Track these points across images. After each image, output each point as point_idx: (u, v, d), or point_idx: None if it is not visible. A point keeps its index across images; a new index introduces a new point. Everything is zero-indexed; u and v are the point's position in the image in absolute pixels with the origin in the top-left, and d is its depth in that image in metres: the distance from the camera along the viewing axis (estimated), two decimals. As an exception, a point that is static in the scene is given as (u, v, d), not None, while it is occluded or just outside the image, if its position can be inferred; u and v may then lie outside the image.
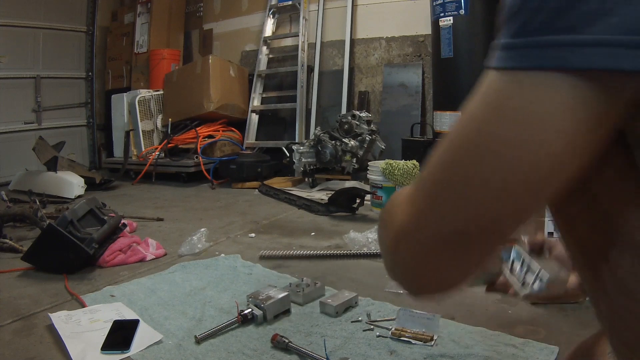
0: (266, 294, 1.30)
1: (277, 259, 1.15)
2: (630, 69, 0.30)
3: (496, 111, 0.36)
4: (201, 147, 3.72)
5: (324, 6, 4.06)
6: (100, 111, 4.87)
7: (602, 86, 0.32)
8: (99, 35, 4.83)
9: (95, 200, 1.98)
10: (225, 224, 2.39)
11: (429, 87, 3.64)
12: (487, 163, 0.36)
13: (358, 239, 1.85)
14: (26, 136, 4.12)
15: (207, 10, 4.78)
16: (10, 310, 1.37)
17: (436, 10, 3.05)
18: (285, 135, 4.16)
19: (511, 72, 0.35)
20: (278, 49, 4.40)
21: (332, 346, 1.12)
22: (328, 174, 3.42)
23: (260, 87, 4.30)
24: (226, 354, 1.10)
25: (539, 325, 1.19)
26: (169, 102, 4.16)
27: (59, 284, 1.57)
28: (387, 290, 1.45)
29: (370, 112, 3.68)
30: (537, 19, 0.33)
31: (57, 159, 3.32)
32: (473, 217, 0.38)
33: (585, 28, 0.31)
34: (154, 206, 2.90)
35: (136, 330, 1.20)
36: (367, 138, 3.15)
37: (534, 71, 0.33)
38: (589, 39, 0.31)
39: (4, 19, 3.97)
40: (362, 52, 3.99)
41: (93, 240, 1.68)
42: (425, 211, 0.41)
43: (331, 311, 1.29)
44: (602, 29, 0.30)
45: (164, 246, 1.95)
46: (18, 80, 4.16)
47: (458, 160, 0.38)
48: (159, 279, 1.60)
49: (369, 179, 2.63)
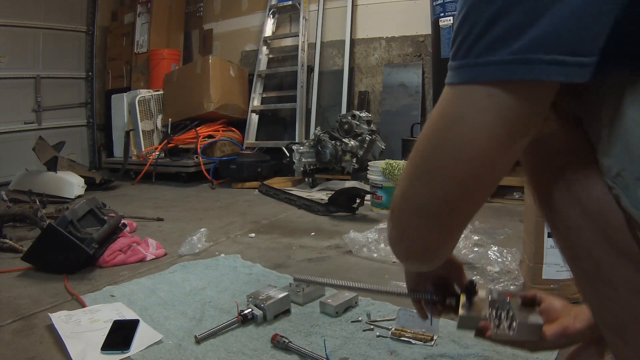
0: (266, 294, 1.30)
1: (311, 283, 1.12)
2: (518, 78, 0.43)
3: (441, 115, 0.49)
4: (201, 147, 3.72)
5: (324, 6, 4.06)
6: (100, 111, 4.87)
7: (508, 91, 0.44)
8: (99, 35, 4.83)
9: (95, 200, 1.98)
10: (225, 224, 2.39)
11: (429, 87, 3.64)
12: (438, 155, 0.50)
13: (358, 239, 1.85)
14: (26, 136, 4.12)
15: (207, 10, 4.78)
16: (10, 310, 1.37)
17: (436, 10, 3.05)
18: (285, 135, 4.16)
19: (451, 86, 0.48)
20: (278, 49, 4.40)
21: (332, 346, 1.12)
22: (328, 174, 3.42)
23: (260, 87, 4.30)
24: (226, 354, 1.10)
25: (539, 325, 1.19)
26: (169, 102, 4.16)
27: (59, 284, 1.57)
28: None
29: (370, 112, 3.68)
30: (462, 47, 0.46)
31: (57, 159, 3.32)
32: (436, 194, 0.52)
33: (489, 52, 0.44)
34: (154, 206, 2.90)
35: (136, 330, 1.20)
36: (367, 138, 3.15)
37: (461, 85, 0.47)
38: (489, 60, 0.44)
39: (4, 19, 3.97)
40: (362, 52, 3.99)
41: (93, 240, 1.69)
42: (408, 188, 0.55)
43: (331, 311, 1.29)
44: (503, 52, 0.43)
45: (164, 246, 1.95)
46: (18, 80, 4.17)
47: (422, 151, 0.52)
48: (159, 279, 1.60)
49: (369, 179, 2.63)
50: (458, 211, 0.53)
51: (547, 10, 0.41)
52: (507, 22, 0.42)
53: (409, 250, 0.61)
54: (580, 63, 0.42)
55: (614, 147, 0.48)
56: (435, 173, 0.51)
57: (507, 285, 1.41)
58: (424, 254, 0.60)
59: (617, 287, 0.52)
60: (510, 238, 1.88)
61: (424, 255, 0.61)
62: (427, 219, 0.54)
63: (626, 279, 0.52)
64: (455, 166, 0.49)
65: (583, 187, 0.53)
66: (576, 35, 0.41)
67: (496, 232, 1.90)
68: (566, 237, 0.56)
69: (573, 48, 0.42)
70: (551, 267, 1.28)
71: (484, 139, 0.46)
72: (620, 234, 0.51)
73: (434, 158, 0.51)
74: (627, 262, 0.51)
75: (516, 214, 2.36)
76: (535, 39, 0.41)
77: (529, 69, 0.42)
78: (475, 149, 0.47)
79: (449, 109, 0.48)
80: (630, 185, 0.48)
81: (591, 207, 0.52)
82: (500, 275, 1.48)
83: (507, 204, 2.66)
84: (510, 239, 1.87)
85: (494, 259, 1.55)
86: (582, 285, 0.57)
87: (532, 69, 0.42)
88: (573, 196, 0.53)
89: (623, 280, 0.52)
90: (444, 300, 0.81)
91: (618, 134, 0.47)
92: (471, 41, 0.45)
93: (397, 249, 0.63)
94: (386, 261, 1.72)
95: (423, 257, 0.62)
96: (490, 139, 0.46)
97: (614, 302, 0.53)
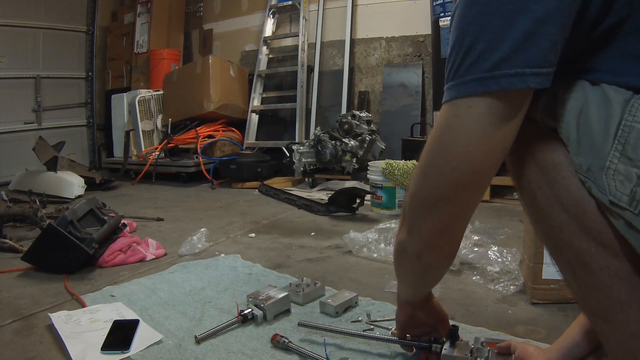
0: (266, 294, 1.30)
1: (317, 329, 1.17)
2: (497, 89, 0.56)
3: (436, 127, 0.63)
4: (201, 147, 3.72)
5: (324, 6, 4.06)
6: (100, 111, 4.87)
7: (482, 101, 0.57)
8: (99, 35, 4.83)
9: (95, 200, 1.98)
10: (225, 224, 2.39)
11: (429, 87, 3.64)
12: (435, 157, 0.64)
13: (358, 239, 1.85)
14: (26, 136, 4.12)
15: (207, 10, 4.78)
16: (10, 310, 1.37)
17: (436, 10, 3.05)
18: (285, 135, 4.16)
19: (444, 104, 0.61)
20: (278, 49, 4.40)
21: (332, 346, 1.12)
22: (328, 174, 3.42)
23: (260, 87, 4.30)
24: (226, 354, 1.10)
25: (539, 325, 1.19)
26: (169, 102, 4.16)
27: (59, 284, 1.57)
28: (387, 291, 1.45)
29: (370, 112, 3.68)
30: (450, 73, 0.60)
31: (57, 159, 3.32)
32: (434, 187, 0.65)
33: (467, 73, 0.57)
34: (154, 206, 2.90)
35: (136, 330, 1.20)
36: (367, 138, 3.15)
37: (449, 101, 0.60)
38: (467, 79, 0.57)
39: (4, 19, 3.98)
40: (362, 52, 3.99)
41: (93, 240, 1.68)
42: (414, 186, 0.69)
43: (331, 311, 1.29)
44: (477, 72, 0.56)
45: (164, 246, 1.95)
46: (18, 80, 4.17)
47: (424, 157, 0.66)
48: (159, 279, 1.60)
49: (369, 179, 2.63)
50: (453, 200, 0.66)
51: (503, 39, 0.54)
52: (476, 51, 0.56)
53: (418, 242, 0.73)
54: (537, 73, 0.55)
55: (582, 146, 0.57)
56: (433, 171, 0.65)
57: (508, 285, 1.41)
58: (432, 242, 0.71)
59: (598, 274, 0.58)
60: (510, 238, 1.88)
61: (432, 243, 0.72)
62: (431, 207, 0.67)
63: (606, 265, 0.58)
64: (446, 165, 0.62)
65: (561, 186, 0.61)
66: (529, 53, 0.54)
67: (496, 232, 1.90)
68: (549, 234, 0.63)
69: (528, 63, 0.54)
70: (551, 267, 1.28)
71: (468, 142, 0.59)
72: (596, 224, 0.58)
73: (432, 160, 0.65)
74: (604, 249, 0.58)
75: (516, 214, 2.36)
76: (500, 59, 0.54)
77: (496, 82, 0.55)
78: (461, 150, 0.60)
79: (441, 121, 0.62)
80: (597, 176, 0.56)
81: (569, 203, 0.60)
82: (500, 275, 1.48)
83: (507, 204, 2.66)
84: (510, 239, 1.87)
85: (494, 259, 1.55)
86: (567, 276, 0.64)
87: (499, 82, 0.55)
88: (554, 195, 0.61)
89: (603, 267, 0.58)
90: (430, 347, 0.95)
91: (585, 134, 0.57)
92: (456, 67, 0.58)
93: (409, 245, 0.74)
94: (386, 261, 1.72)
95: (431, 245, 0.72)
96: (472, 142, 0.59)
97: (597, 288, 0.59)
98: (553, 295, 1.30)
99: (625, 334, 0.58)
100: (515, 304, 1.33)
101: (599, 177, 0.56)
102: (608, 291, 0.58)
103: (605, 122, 0.55)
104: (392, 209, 2.50)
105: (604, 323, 0.60)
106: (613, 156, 0.54)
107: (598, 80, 0.58)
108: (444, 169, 0.62)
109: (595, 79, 0.58)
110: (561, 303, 1.29)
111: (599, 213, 0.58)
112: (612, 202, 0.55)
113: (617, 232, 0.57)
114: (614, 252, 0.57)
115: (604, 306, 0.59)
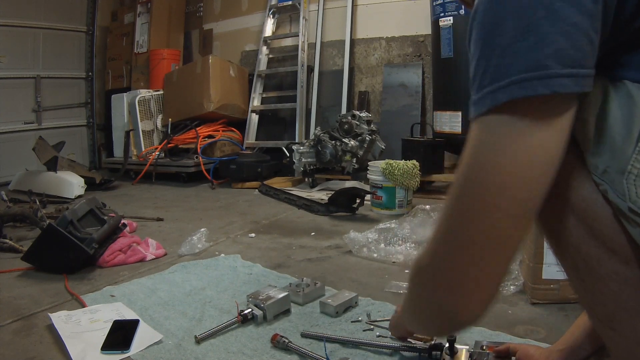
0: (266, 294, 1.30)
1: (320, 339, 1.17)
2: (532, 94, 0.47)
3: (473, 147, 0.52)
4: (201, 147, 3.71)
5: (324, 6, 4.06)
6: (100, 111, 4.87)
7: (513, 112, 0.48)
8: (99, 35, 4.83)
9: (95, 200, 1.98)
10: (225, 224, 2.39)
11: (429, 87, 3.64)
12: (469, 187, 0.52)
13: (358, 239, 1.85)
14: (26, 136, 4.12)
15: (207, 10, 4.78)
16: (10, 310, 1.37)
17: (436, 10, 3.05)
18: (285, 135, 4.16)
19: (476, 119, 0.51)
20: (278, 49, 4.40)
21: (332, 346, 1.12)
22: (328, 174, 3.42)
23: (260, 87, 4.30)
24: (226, 354, 1.10)
25: (539, 325, 1.19)
26: (169, 102, 4.16)
27: (59, 284, 1.57)
28: (387, 290, 1.45)
29: (370, 112, 3.68)
30: (475, 83, 0.51)
31: (57, 159, 3.32)
32: (475, 229, 0.51)
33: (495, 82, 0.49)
34: (154, 206, 2.90)
35: (136, 330, 1.20)
36: (367, 138, 3.15)
37: (478, 117, 0.51)
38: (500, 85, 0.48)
39: (4, 19, 3.97)
40: (362, 52, 3.99)
41: (93, 240, 1.68)
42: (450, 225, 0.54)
43: (331, 311, 1.29)
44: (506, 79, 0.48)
45: (164, 246, 1.95)
46: (18, 80, 4.16)
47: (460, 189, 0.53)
48: (159, 279, 1.60)
49: (369, 179, 2.63)
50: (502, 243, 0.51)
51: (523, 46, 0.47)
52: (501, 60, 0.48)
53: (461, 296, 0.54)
54: (575, 74, 0.47)
55: (601, 146, 0.53)
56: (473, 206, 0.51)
57: (507, 285, 1.41)
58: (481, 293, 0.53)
59: (606, 280, 0.56)
60: (510, 238, 1.87)
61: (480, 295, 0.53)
62: (476, 250, 0.51)
63: (614, 271, 0.55)
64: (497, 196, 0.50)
65: (571, 188, 0.57)
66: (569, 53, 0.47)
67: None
68: (557, 237, 0.60)
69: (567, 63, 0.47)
70: (551, 267, 1.28)
71: (503, 160, 0.49)
72: (607, 229, 0.55)
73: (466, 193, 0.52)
74: (614, 256, 0.55)
75: (516, 214, 2.35)
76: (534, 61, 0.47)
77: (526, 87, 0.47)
78: (495, 169, 0.49)
79: (481, 137, 0.52)
80: (615, 180, 0.52)
81: (579, 207, 0.56)
82: (500, 275, 1.47)
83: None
84: (510, 239, 1.87)
85: (494, 259, 1.54)
86: (573, 281, 0.61)
87: (531, 86, 0.47)
88: (563, 198, 0.57)
89: (611, 273, 0.55)
90: (430, 353, 0.96)
91: (604, 133, 0.53)
92: (480, 78, 0.51)
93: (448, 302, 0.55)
94: (386, 261, 1.72)
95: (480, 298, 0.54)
96: (507, 159, 0.49)
97: (604, 294, 0.56)
98: (553, 295, 1.30)
99: (632, 342, 0.56)
100: (515, 304, 1.33)
101: (618, 181, 0.52)
102: (615, 298, 0.56)
103: (628, 122, 0.51)
104: (392, 209, 2.50)
105: (610, 330, 0.58)
106: (636, 160, 0.50)
107: (619, 76, 0.53)
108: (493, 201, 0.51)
109: (617, 76, 0.53)
110: (561, 303, 1.29)
111: (611, 218, 0.55)
112: (632, 209, 0.51)
113: (630, 238, 0.54)
114: (624, 258, 0.55)
115: (610, 312, 0.57)
